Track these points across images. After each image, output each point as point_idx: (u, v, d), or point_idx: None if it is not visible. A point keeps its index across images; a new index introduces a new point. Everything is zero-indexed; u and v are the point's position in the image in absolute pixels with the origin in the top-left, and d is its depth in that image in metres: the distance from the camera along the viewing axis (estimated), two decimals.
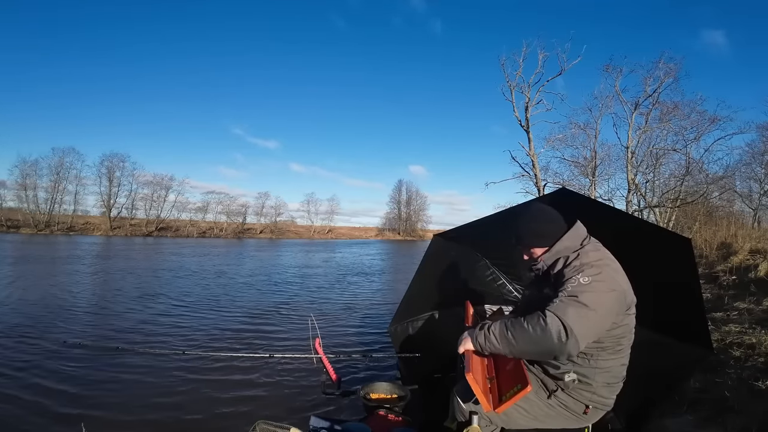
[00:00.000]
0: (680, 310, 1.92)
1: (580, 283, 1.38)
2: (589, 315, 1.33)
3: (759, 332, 3.37)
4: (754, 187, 20.71)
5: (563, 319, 1.30)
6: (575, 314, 1.32)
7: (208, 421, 3.19)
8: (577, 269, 1.44)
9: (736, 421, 2.22)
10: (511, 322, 1.42)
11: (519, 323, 1.39)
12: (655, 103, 18.46)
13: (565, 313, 1.32)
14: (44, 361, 4.39)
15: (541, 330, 1.32)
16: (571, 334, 1.29)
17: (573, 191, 2.73)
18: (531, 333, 1.34)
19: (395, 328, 3.25)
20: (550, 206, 1.65)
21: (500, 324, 1.44)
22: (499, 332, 1.42)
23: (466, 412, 1.51)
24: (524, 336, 1.36)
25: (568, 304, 1.34)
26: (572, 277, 1.42)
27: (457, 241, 3.16)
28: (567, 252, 1.53)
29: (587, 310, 1.33)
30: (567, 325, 1.30)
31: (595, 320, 1.35)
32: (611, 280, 1.42)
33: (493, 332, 1.44)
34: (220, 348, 5.06)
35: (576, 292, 1.36)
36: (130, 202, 47.29)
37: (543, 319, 1.33)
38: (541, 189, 19.25)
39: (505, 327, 1.41)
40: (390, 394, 2.25)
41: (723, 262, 6.58)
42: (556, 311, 1.33)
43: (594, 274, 1.40)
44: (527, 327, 1.36)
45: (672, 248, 1.80)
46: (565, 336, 1.30)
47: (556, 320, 1.31)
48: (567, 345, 1.30)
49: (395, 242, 52.22)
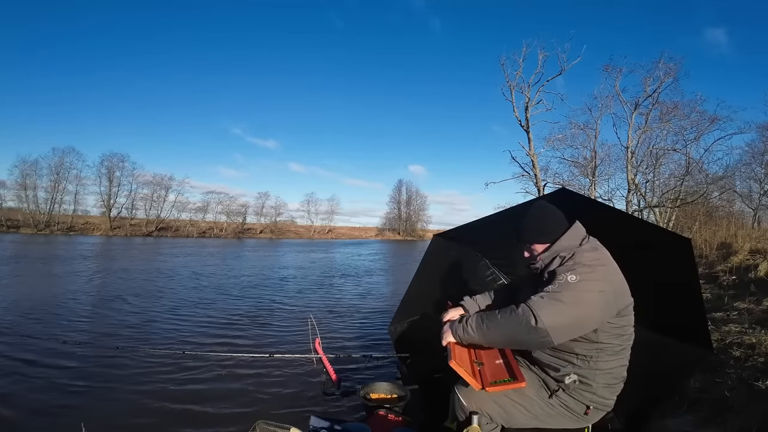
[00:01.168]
0: (680, 310, 1.92)
1: (567, 282, 1.39)
2: (563, 310, 1.35)
3: (759, 332, 3.37)
4: (754, 187, 20.75)
5: (534, 309, 1.35)
6: (547, 306, 1.35)
7: (208, 421, 3.19)
8: (569, 268, 1.44)
9: (736, 421, 2.22)
10: (487, 314, 1.50)
11: (493, 313, 1.48)
12: (655, 103, 18.51)
13: (537, 305, 1.36)
14: (44, 360, 4.38)
15: (510, 316, 1.39)
16: (540, 322, 1.33)
17: (573, 191, 2.72)
18: (500, 320, 1.42)
19: (395, 328, 3.25)
20: (552, 205, 1.65)
21: (476, 315, 1.53)
22: (475, 323, 1.49)
23: (467, 410, 1.52)
24: (495, 323, 1.44)
25: (544, 299, 1.38)
26: (561, 275, 1.42)
27: (457, 241, 3.16)
28: (565, 251, 1.53)
29: (562, 305, 1.35)
30: (536, 314, 1.33)
31: (571, 316, 1.36)
32: (602, 281, 1.42)
33: (470, 323, 1.51)
34: (220, 348, 5.06)
35: (558, 290, 1.38)
36: (130, 202, 47.40)
37: (515, 309, 1.40)
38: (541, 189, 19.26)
39: (481, 318, 1.50)
40: (390, 394, 2.25)
41: (723, 262, 6.58)
42: (530, 305, 1.37)
43: (584, 273, 1.41)
44: (498, 316, 1.44)
45: (672, 248, 1.79)
46: (534, 322, 1.33)
47: (527, 309, 1.36)
48: (536, 333, 1.34)
49: (395, 242, 52.20)
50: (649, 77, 18.27)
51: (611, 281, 1.46)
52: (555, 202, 2.16)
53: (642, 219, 7.83)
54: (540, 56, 18.73)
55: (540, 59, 18.76)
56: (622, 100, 19.10)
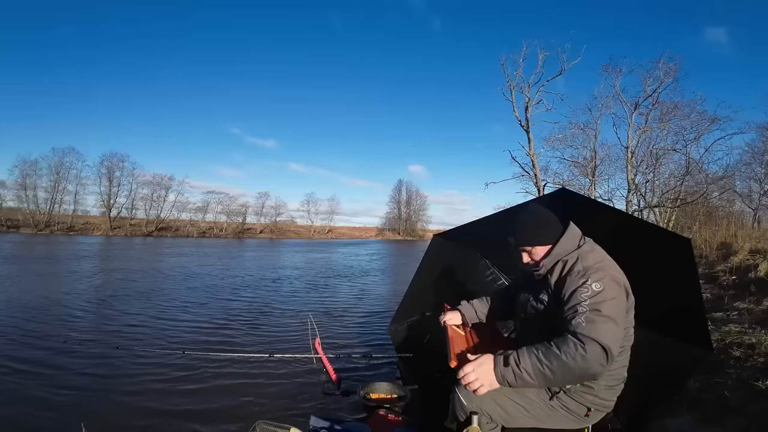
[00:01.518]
0: (680, 310, 1.92)
1: (594, 291, 1.34)
2: (617, 328, 1.32)
3: (759, 332, 3.37)
4: (754, 187, 20.75)
5: (601, 341, 1.25)
6: (607, 331, 1.28)
7: (208, 421, 3.19)
8: (582, 274, 1.41)
9: (736, 421, 2.22)
10: (543, 353, 1.30)
11: (553, 354, 1.28)
12: (655, 103, 18.55)
13: (599, 334, 1.26)
14: (44, 360, 4.38)
15: (582, 359, 1.25)
16: (611, 354, 1.26)
17: (573, 191, 2.72)
18: (572, 365, 1.26)
19: (395, 327, 3.25)
20: (543, 206, 1.65)
21: (529, 357, 1.32)
22: (533, 369, 1.30)
23: (467, 410, 1.51)
24: (564, 368, 1.27)
25: (596, 321, 1.29)
26: (582, 284, 1.38)
27: (457, 241, 3.16)
28: (566, 254, 1.52)
29: (614, 323, 1.31)
30: (607, 347, 1.25)
31: (620, 330, 1.35)
32: (617, 282, 1.42)
33: (525, 369, 1.31)
34: (220, 348, 5.05)
35: (596, 304, 1.32)
36: (130, 202, 47.43)
37: (581, 346, 1.25)
38: (541, 189, 19.28)
39: (539, 361, 1.30)
40: (390, 394, 2.24)
41: (723, 262, 6.58)
42: (590, 334, 1.26)
43: (602, 279, 1.38)
44: (566, 359, 1.26)
45: (672, 248, 1.79)
46: (606, 359, 1.26)
47: (596, 346, 1.25)
48: (607, 367, 1.29)
49: (395, 242, 52.20)
50: (649, 77, 18.35)
51: (621, 279, 1.46)
52: (555, 202, 2.17)
53: (642, 219, 7.82)
54: (540, 56, 18.81)
55: (540, 59, 18.84)
56: (622, 100, 19.15)
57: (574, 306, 1.35)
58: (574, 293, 1.39)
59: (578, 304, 1.34)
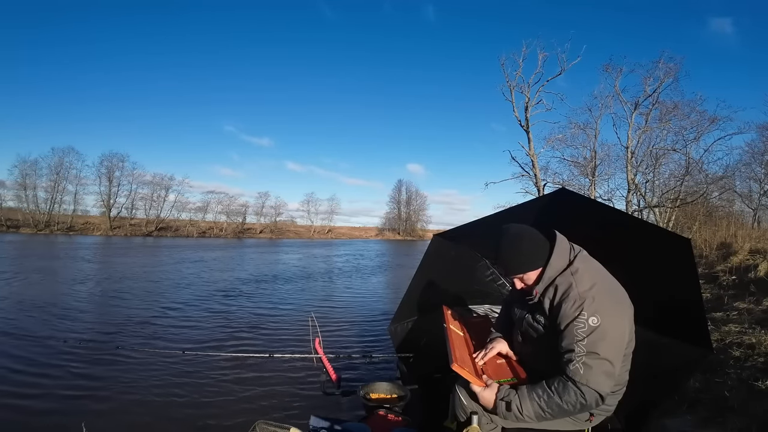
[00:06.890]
0: (680, 310, 1.92)
1: (590, 327, 1.35)
2: (613, 369, 1.37)
3: (759, 332, 3.37)
4: (754, 187, 20.73)
5: (598, 389, 1.34)
6: (604, 376, 1.35)
7: (208, 421, 3.19)
8: (577, 305, 1.38)
9: (736, 421, 2.23)
10: (546, 402, 1.38)
11: (555, 404, 1.37)
12: (655, 103, 18.53)
13: (597, 383, 1.34)
14: (45, 360, 4.39)
15: (582, 406, 1.37)
16: (606, 397, 1.38)
17: (572, 191, 2.72)
18: (572, 410, 1.38)
19: (395, 327, 3.25)
20: (523, 225, 1.58)
21: (531, 405, 1.40)
22: (535, 414, 1.40)
23: (467, 409, 1.51)
24: (564, 413, 1.40)
25: (593, 368, 1.34)
26: (578, 317, 1.37)
27: (456, 241, 3.16)
28: (557, 274, 1.47)
29: (610, 365, 1.36)
30: (603, 394, 1.35)
31: (616, 369, 1.39)
32: (615, 312, 1.40)
33: (527, 416, 1.41)
34: (220, 348, 5.06)
35: (593, 344, 1.34)
36: (129, 202, 47.21)
37: (581, 396, 1.34)
38: (541, 189, 19.27)
39: (541, 409, 1.39)
40: (390, 394, 2.24)
41: (723, 262, 6.59)
42: (588, 383, 1.34)
43: (597, 310, 1.36)
44: (567, 407, 1.37)
45: (672, 248, 1.79)
46: (602, 401, 1.38)
47: (593, 393, 1.35)
48: (600, 402, 1.38)
49: (395, 242, 52.21)
50: (649, 77, 18.30)
51: (618, 298, 1.46)
52: (555, 202, 2.17)
53: (642, 219, 7.82)
54: (540, 56, 18.77)
55: (540, 59, 18.80)
56: (622, 100, 19.12)
57: (571, 345, 1.37)
58: (569, 326, 1.38)
59: (575, 342, 1.36)
